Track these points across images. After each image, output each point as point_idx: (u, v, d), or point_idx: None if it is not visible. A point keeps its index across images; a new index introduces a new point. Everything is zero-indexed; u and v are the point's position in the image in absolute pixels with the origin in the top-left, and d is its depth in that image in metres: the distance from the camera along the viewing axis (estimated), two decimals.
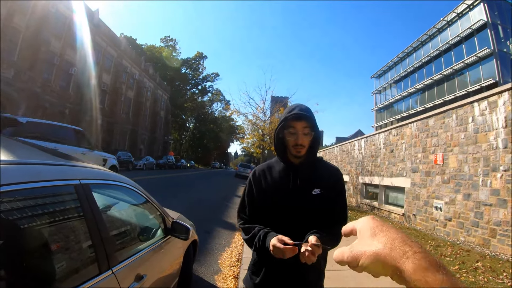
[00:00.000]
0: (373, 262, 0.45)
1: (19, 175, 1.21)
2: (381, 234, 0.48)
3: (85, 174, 1.70)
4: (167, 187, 14.88)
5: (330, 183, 1.64)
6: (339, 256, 0.51)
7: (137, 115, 40.09)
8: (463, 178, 7.53)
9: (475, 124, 7.27)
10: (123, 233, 2.24)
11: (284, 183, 1.64)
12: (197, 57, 68.16)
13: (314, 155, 1.69)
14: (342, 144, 19.00)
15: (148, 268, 2.10)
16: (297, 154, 1.60)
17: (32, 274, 1.24)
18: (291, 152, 1.63)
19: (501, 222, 6.36)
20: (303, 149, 1.59)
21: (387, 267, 0.44)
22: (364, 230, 0.51)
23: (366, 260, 0.46)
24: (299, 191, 1.60)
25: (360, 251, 0.48)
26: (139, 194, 2.42)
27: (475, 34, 29.05)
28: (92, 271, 1.51)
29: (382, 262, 0.44)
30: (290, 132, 1.60)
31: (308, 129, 1.59)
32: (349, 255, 0.49)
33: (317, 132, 1.63)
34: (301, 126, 1.58)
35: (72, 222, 1.58)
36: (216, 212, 9.57)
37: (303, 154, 1.61)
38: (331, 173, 1.69)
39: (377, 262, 0.45)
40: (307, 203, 1.58)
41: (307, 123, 1.58)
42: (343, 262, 0.51)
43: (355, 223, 0.56)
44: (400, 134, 10.92)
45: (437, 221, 8.44)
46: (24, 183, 1.21)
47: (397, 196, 11.36)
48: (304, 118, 1.58)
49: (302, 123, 1.58)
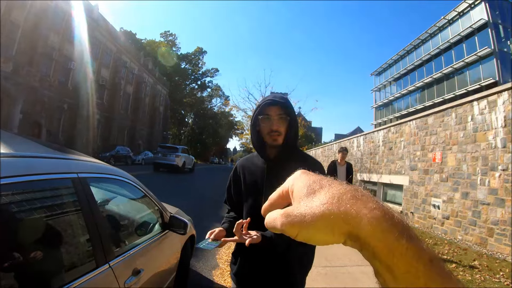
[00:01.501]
0: (317, 226, 0.34)
1: (16, 168, 1.20)
2: (322, 190, 0.36)
3: (82, 167, 1.70)
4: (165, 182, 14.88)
5: None
6: (271, 223, 0.39)
7: (136, 110, 40.10)
8: (461, 177, 7.54)
9: (474, 123, 7.27)
10: (120, 227, 2.25)
11: (259, 181, 1.61)
12: (197, 52, 68.10)
13: (292, 146, 1.63)
14: (341, 141, 18.96)
15: (145, 262, 2.10)
16: (273, 142, 1.55)
17: (28, 268, 1.23)
18: (267, 141, 1.58)
19: (498, 221, 6.37)
20: (279, 136, 1.54)
21: (336, 230, 0.33)
22: (298, 189, 0.39)
23: (309, 226, 0.34)
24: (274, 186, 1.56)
25: (298, 214, 0.35)
26: (137, 188, 2.42)
27: (476, 33, 29.04)
28: (89, 265, 1.51)
29: (330, 225, 0.33)
30: (264, 118, 1.56)
31: (283, 114, 1.54)
32: (283, 222, 0.37)
33: (294, 118, 1.58)
34: (276, 112, 1.54)
35: (70, 216, 1.58)
36: (214, 207, 9.56)
37: (280, 143, 1.56)
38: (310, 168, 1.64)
39: (323, 226, 0.33)
40: None
41: (282, 109, 1.54)
42: (276, 229, 0.38)
43: (281, 187, 0.44)
44: (399, 131, 10.91)
45: (434, 219, 8.46)
46: (20, 176, 1.20)
47: (395, 194, 11.37)
48: (278, 104, 1.54)
49: (276, 109, 1.54)
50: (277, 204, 0.44)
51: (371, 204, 0.33)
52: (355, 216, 0.32)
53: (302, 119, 25.03)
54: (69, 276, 1.37)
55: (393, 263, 0.30)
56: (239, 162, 1.81)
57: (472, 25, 28.96)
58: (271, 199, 0.45)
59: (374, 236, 0.31)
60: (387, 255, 0.31)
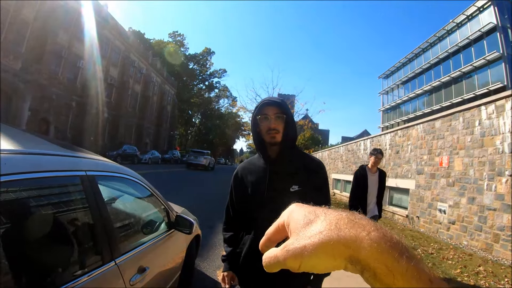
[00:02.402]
0: (319, 254, 0.34)
1: (24, 164, 1.22)
2: (318, 219, 0.37)
3: (91, 165, 1.71)
4: (172, 181, 14.95)
5: (310, 179, 1.63)
6: (272, 261, 0.38)
7: (143, 109, 40.26)
8: (468, 182, 7.49)
9: (481, 128, 7.22)
10: (127, 225, 2.26)
11: (262, 183, 1.64)
12: (205, 52, 68.29)
13: (291, 142, 1.68)
14: (347, 144, 18.92)
15: (150, 260, 2.12)
16: (272, 140, 1.60)
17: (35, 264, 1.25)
18: (266, 139, 1.64)
19: (504, 227, 6.32)
20: (278, 134, 1.60)
21: (338, 256, 0.33)
22: (294, 222, 0.40)
23: (310, 255, 0.34)
24: (276, 189, 1.59)
25: (298, 246, 0.35)
26: (144, 187, 2.44)
27: (485, 37, 28.79)
28: (95, 262, 1.53)
29: (331, 251, 0.33)
30: (263, 118, 1.63)
31: (280, 113, 1.61)
32: (286, 256, 0.36)
33: (290, 117, 1.65)
34: (273, 112, 1.61)
35: (77, 213, 1.60)
36: (220, 207, 9.55)
37: (279, 140, 1.61)
38: (311, 167, 1.68)
39: (324, 253, 0.33)
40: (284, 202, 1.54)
41: (279, 109, 1.61)
42: (278, 265, 0.38)
43: (277, 222, 0.44)
44: (406, 135, 10.87)
45: (440, 224, 8.41)
46: (28, 173, 1.22)
47: (401, 198, 11.31)
48: (275, 105, 1.62)
49: (273, 109, 1.61)
50: (274, 239, 0.44)
51: (369, 227, 0.34)
52: (354, 240, 0.33)
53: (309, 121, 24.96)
54: (76, 272, 1.39)
55: (393, 283, 0.31)
56: (238, 167, 1.84)
57: (481, 28, 28.71)
58: (268, 233, 0.45)
59: (374, 257, 0.31)
60: (387, 276, 0.31)
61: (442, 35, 35.31)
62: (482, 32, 28.85)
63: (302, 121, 25.07)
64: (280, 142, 1.62)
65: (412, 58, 41.81)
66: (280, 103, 1.63)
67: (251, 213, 1.65)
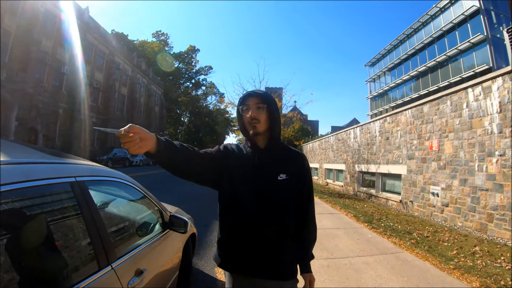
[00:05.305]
0: None
1: (13, 175, 1.20)
2: None
3: (80, 171, 1.69)
4: (164, 182, 14.90)
5: (296, 169, 1.65)
6: None
7: (131, 111, 40.02)
8: (459, 164, 7.58)
9: (469, 110, 7.30)
10: (121, 229, 2.25)
11: (249, 164, 1.64)
12: (190, 50, 68.14)
13: (277, 138, 1.70)
14: (337, 133, 19.03)
15: (147, 262, 2.11)
16: (253, 130, 1.61)
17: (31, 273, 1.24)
18: (248, 129, 1.65)
19: (497, 206, 6.41)
20: (259, 124, 1.61)
21: None
22: None
23: None
24: (264, 174, 1.60)
25: None
26: (136, 190, 2.42)
27: (468, 20, 29.07)
28: (91, 267, 1.52)
29: None
30: (245, 109, 1.65)
31: (260, 104, 1.62)
32: None
33: (272, 107, 1.66)
34: (254, 102, 1.63)
35: (70, 220, 1.58)
36: (213, 205, 9.54)
37: (260, 131, 1.62)
38: (296, 158, 1.71)
39: None
40: (272, 187, 1.58)
41: (259, 99, 1.63)
42: None
43: None
44: (395, 121, 10.95)
45: (434, 207, 8.51)
46: (18, 183, 1.20)
47: (394, 183, 11.42)
48: (256, 95, 1.64)
49: (254, 99, 1.63)
50: None
51: None
52: None
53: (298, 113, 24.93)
54: (72, 279, 1.38)
55: None
56: (227, 143, 1.83)
57: (464, 12, 28.99)
58: None
59: None
60: None
61: (426, 20, 35.56)
62: (466, 16, 29.12)
63: (291, 113, 25.01)
64: (262, 132, 1.63)
65: (397, 45, 42.07)
66: (261, 93, 1.65)
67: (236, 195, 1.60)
